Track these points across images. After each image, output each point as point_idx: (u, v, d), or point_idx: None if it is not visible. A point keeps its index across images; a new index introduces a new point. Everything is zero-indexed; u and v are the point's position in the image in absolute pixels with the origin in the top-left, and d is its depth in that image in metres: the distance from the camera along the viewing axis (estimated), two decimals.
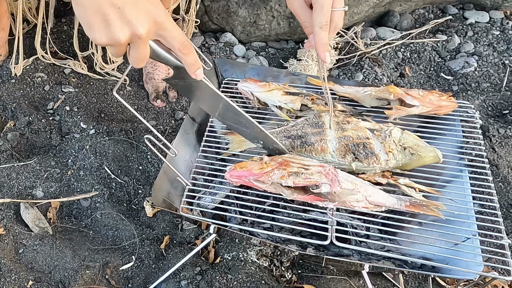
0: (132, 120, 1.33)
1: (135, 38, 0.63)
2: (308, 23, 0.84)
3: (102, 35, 0.62)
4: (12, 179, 1.16)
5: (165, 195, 0.86)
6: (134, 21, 0.61)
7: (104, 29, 0.62)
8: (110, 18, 0.61)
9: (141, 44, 0.64)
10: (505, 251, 0.73)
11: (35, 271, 1.01)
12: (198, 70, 0.71)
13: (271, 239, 0.91)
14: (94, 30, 0.62)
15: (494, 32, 1.57)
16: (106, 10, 0.60)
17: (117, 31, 0.62)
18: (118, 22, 0.61)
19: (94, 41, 0.63)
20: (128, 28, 0.62)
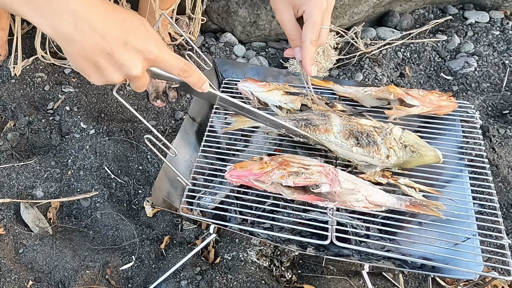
0: (132, 120, 1.33)
1: (130, 78, 0.63)
2: (295, 36, 0.86)
3: (97, 78, 0.62)
4: (12, 179, 1.16)
5: (165, 195, 0.86)
6: (126, 64, 0.61)
7: (97, 74, 0.62)
8: (100, 64, 0.60)
9: (137, 80, 0.64)
10: (505, 251, 0.73)
11: (35, 271, 1.01)
12: (203, 85, 0.72)
13: (271, 239, 0.91)
14: (88, 75, 0.62)
15: (494, 32, 1.57)
16: (95, 58, 0.59)
17: (111, 75, 0.62)
18: (110, 67, 0.61)
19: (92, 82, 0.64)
20: (121, 71, 0.62)
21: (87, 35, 0.57)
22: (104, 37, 0.58)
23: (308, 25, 0.84)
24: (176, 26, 0.88)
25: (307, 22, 0.84)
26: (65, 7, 0.56)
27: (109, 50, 0.59)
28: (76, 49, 0.58)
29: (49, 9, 0.56)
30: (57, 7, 0.56)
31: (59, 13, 0.56)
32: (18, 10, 0.57)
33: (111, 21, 0.59)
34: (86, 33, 0.57)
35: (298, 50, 0.87)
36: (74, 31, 0.57)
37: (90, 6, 0.58)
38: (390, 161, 0.86)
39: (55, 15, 0.56)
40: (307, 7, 0.84)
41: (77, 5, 0.57)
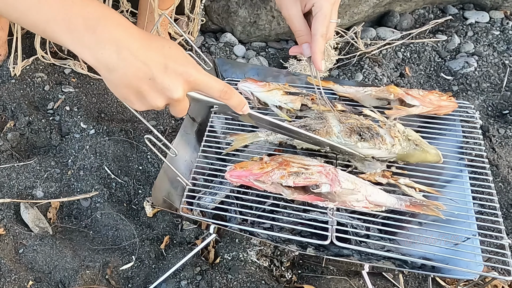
0: (132, 120, 1.33)
1: (172, 101, 0.64)
2: (303, 32, 0.85)
3: (141, 105, 0.63)
4: (12, 179, 1.16)
5: (165, 195, 0.86)
6: (168, 87, 0.62)
7: (140, 100, 0.63)
8: (143, 90, 0.61)
9: (179, 103, 0.65)
10: (505, 251, 0.73)
11: (35, 271, 1.01)
12: (244, 107, 0.72)
13: (271, 239, 0.91)
14: (131, 102, 0.63)
15: (494, 32, 1.57)
16: (137, 84, 0.60)
17: (154, 100, 0.62)
18: (152, 92, 0.62)
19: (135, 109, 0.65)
20: (163, 96, 0.63)
21: (130, 62, 0.58)
22: (146, 63, 0.59)
23: (319, 18, 0.83)
24: (176, 26, 0.88)
25: (317, 15, 0.83)
26: (108, 36, 0.57)
27: (151, 75, 0.60)
28: (119, 77, 0.59)
29: (91, 39, 0.57)
30: (100, 36, 0.57)
31: (102, 42, 0.57)
32: (58, 39, 0.58)
33: (151, 48, 0.60)
34: (129, 60, 0.58)
35: (306, 46, 0.85)
36: (117, 59, 0.58)
37: (132, 35, 0.59)
38: (395, 150, 0.86)
39: (98, 44, 0.57)
40: (316, 0, 0.83)
41: (120, 34, 0.58)
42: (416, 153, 0.86)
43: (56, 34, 0.57)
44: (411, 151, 0.86)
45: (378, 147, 0.85)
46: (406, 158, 0.87)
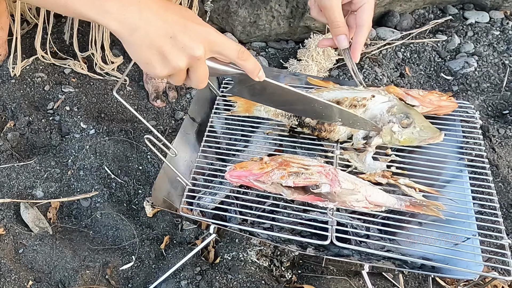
0: (132, 120, 1.33)
1: (193, 61, 0.64)
2: (342, 23, 0.85)
3: (163, 67, 0.64)
4: (12, 179, 1.16)
5: (165, 195, 0.86)
6: (189, 45, 0.63)
7: (162, 61, 0.63)
8: (165, 49, 0.62)
9: (200, 64, 0.66)
10: (505, 251, 0.73)
11: (35, 271, 1.01)
12: (260, 72, 0.72)
13: (271, 239, 0.91)
14: (153, 65, 0.64)
15: (494, 32, 1.57)
16: (159, 43, 0.62)
17: (176, 59, 0.63)
18: (174, 51, 0.63)
19: (155, 75, 0.65)
20: (185, 53, 0.63)
21: (151, 21, 0.61)
22: (166, 21, 0.62)
23: (367, 10, 0.84)
24: None
25: (364, 6, 0.84)
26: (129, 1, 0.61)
27: (172, 33, 0.62)
28: (141, 38, 0.61)
29: (113, 4, 0.61)
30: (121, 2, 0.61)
31: (124, 5, 0.61)
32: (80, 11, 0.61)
33: (170, 10, 0.63)
34: (150, 19, 0.61)
35: (344, 37, 0.86)
36: (139, 19, 0.61)
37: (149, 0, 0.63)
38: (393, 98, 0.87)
39: (120, 8, 0.61)
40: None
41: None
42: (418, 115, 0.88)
43: (77, 6, 0.61)
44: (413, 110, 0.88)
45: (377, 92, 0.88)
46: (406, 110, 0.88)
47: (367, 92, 0.90)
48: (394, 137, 0.87)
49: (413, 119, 0.87)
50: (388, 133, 0.87)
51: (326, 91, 0.93)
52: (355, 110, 0.88)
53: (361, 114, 0.88)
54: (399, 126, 0.86)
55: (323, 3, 0.86)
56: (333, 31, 0.87)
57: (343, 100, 0.90)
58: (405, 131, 0.87)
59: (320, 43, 0.92)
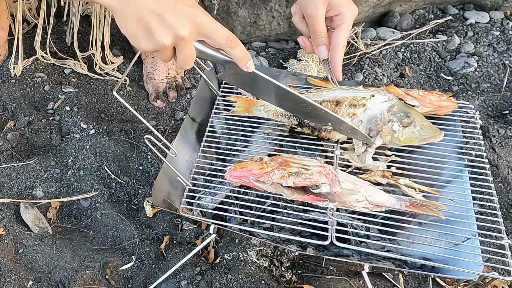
0: (132, 120, 1.33)
1: (178, 41, 0.66)
2: (324, 34, 0.87)
3: (147, 42, 0.66)
4: (12, 179, 1.16)
5: (165, 195, 0.86)
6: (175, 25, 0.65)
7: (147, 36, 0.65)
8: (151, 25, 0.64)
9: (185, 45, 0.67)
10: (505, 251, 0.73)
11: (35, 271, 1.01)
12: (248, 62, 0.73)
13: (271, 239, 0.91)
14: (139, 39, 0.66)
15: (494, 33, 1.57)
16: (147, 19, 0.64)
17: (160, 37, 0.65)
18: (160, 28, 0.65)
19: (141, 49, 0.67)
20: (170, 32, 0.65)
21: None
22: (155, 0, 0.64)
23: (344, 29, 0.85)
24: None
25: (342, 26, 0.85)
26: None
27: (160, 11, 0.64)
28: (130, 12, 0.64)
29: None
30: None
31: None
32: None
33: None
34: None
35: (324, 48, 0.87)
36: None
37: None
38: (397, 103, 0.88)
39: None
40: (344, 9, 0.85)
41: None
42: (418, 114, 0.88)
43: None
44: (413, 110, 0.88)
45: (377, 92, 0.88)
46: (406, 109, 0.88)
47: (367, 92, 0.90)
48: (395, 136, 0.87)
49: (413, 118, 0.87)
50: (389, 133, 0.87)
51: (326, 91, 0.93)
52: (355, 109, 0.88)
53: (361, 113, 0.88)
54: (400, 125, 0.86)
55: (308, 12, 0.87)
56: (315, 41, 0.88)
57: (342, 99, 0.90)
58: (405, 130, 0.87)
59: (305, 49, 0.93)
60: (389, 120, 0.87)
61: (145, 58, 1.44)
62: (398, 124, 0.87)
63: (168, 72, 1.41)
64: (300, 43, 0.92)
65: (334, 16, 0.87)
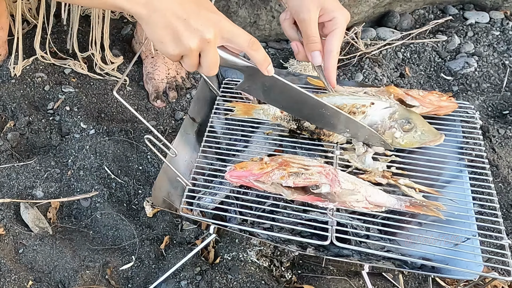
0: (132, 120, 1.33)
1: (204, 44, 0.68)
2: (317, 39, 0.86)
3: (175, 47, 0.69)
4: (12, 179, 1.16)
5: (165, 195, 0.86)
6: (200, 28, 0.67)
7: (175, 41, 0.68)
8: (178, 29, 0.67)
9: (210, 48, 0.69)
10: (505, 252, 0.73)
11: (35, 271, 1.01)
12: (269, 66, 0.74)
13: (271, 239, 0.91)
14: (166, 44, 0.69)
15: (494, 33, 1.57)
16: (174, 23, 0.67)
17: (187, 40, 0.68)
18: (187, 32, 0.67)
19: (168, 54, 0.70)
20: (196, 35, 0.67)
21: (168, 5, 0.67)
22: (182, 5, 0.68)
23: (337, 34, 0.85)
24: None
25: (335, 31, 0.85)
26: None
27: (185, 16, 0.67)
28: (157, 18, 0.67)
29: None
30: None
31: None
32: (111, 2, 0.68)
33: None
34: (167, 3, 0.67)
35: (318, 54, 0.86)
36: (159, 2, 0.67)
37: None
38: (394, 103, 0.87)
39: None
40: (337, 14, 0.84)
41: None
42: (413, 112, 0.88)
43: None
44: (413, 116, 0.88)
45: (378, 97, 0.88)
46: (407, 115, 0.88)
47: (367, 99, 0.90)
48: (396, 141, 0.88)
49: (414, 124, 0.87)
50: (390, 137, 0.87)
51: (326, 97, 0.92)
52: (355, 116, 0.88)
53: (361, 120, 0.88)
54: (401, 131, 0.87)
55: (301, 16, 0.86)
56: (308, 46, 0.87)
57: (342, 106, 0.90)
58: (406, 135, 0.87)
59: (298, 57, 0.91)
60: (390, 126, 0.87)
61: (145, 58, 1.44)
62: (399, 131, 0.87)
63: (168, 72, 1.41)
64: (293, 48, 0.91)
65: (327, 22, 0.86)
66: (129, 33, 1.56)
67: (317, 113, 0.83)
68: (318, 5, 0.85)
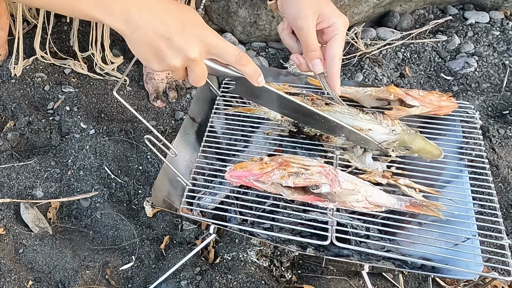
0: (132, 120, 1.33)
1: (188, 62, 0.68)
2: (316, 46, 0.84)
3: (159, 65, 0.68)
4: (12, 179, 1.16)
5: (165, 195, 0.86)
6: (184, 47, 0.66)
7: (158, 59, 0.68)
8: (161, 49, 0.66)
9: (196, 65, 0.69)
10: (505, 252, 0.73)
11: (35, 271, 1.01)
12: (259, 77, 0.74)
13: (271, 239, 0.91)
14: (151, 62, 0.68)
15: (494, 33, 1.57)
16: (156, 43, 0.66)
17: (171, 59, 0.67)
18: (170, 51, 0.66)
19: (154, 70, 0.70)
20: (180, 54, 0.67)
21: (150, 22, 0.66)
22: (164, 23, 0.66)
23: (338, 40, 0.84)
24: None
25: (336, 36, 0.83)
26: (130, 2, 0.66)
27: (169, 35, 0.66)
28: (140, 36, 0.66)
29: (117, 6, 0.65)
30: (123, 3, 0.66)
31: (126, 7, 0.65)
32: (87, 13, 0.66)
33: (170, 12, 0.67)
34: (149, 21, 0.66)
35: (318, 62, 0.84)
36: (140, 20, 0.65)
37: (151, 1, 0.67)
38: (396, 130, 0.85)
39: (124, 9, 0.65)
40: (336, 20, 0.83)
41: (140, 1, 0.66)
42: (417, 138, 0.86)
43: (83, 8, 0.65)
44: (412, 135, 0.86)
45: (379, 121, 0.85)
46: (407, 143, 0.86)
47: (366, 122, 0.87)
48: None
49: (413, 151, 0.87)
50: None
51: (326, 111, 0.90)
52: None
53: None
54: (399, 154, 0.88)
55: (298, 25, 0.84)
56: (308, 55, 0.85)
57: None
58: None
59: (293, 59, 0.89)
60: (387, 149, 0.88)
61: None
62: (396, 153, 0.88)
63: (168, 72, 1.41)
64: (294, 61, 0.89)
65: (326, 28, 0.84)
66: None
67: (311, 120, 0.84)
68: (315, 12, 0.83)
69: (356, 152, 0.89)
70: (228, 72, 0.73)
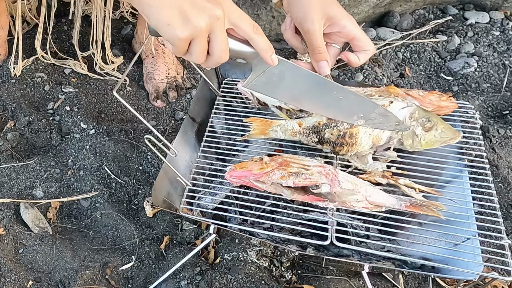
0: (132, 120, 1.33)
1: (214, 21, 0.65)
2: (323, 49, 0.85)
3: (184, 27, 0.64)
4: (12, 179, 1.16)
5: (165, 195, 0.86)
6: (208, 5, 0.64)
7: (183, 21, 0.64)
8: (185, 8, 0.63)
9: (221, 27, 0.66)
10: (505, 252, 0.73)
11: (35, 271, 1.01)
12: (273, 54, 0.73)
13: (271, 239, 0.91)
14: (174, 26, 0.64)
15: (494, 33, 1.57)
16: (179, 3, 0.63)
17: (196, 18, 0.64)
18: (195, 10, 0.64)
19: (176, 38, 0.65)
20: (205, 13, 0.64)
21: None
22: None
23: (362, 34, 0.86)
24: None
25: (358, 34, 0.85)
26: None
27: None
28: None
29: None
30: None
31: None
32: None
33: None
34: None
35: (325, 64, 0.84)
36: None
37: None
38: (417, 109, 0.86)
39: None
40: (346, 22, 0.84)
41: None
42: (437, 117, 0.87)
43: None
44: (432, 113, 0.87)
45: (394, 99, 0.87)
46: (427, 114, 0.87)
47: (385, 99, 0.88)
48: (416, 140, 0.86)
49: (435, 122, 0.87)
50: (410, 137, 0.87)
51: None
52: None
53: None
54: (422, 129, 0.86)
55: (305, 27, 0.84)
56: (314, 57, 0.85)
57: None
58: (427, 134, 0.87)
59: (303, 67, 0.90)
60: (411, 126, 0.86)
61: (145, 58, 1.44)
62: (420, 128, 0.86)
63: (168, 72, 1.41)
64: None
65: (337, 33, 0.85)
66: (129, 33, 1.56)
67: (330, 98, 0.79)
68: (323, 15, 0.83)
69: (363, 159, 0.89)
70: (245, 49, 0.71)
